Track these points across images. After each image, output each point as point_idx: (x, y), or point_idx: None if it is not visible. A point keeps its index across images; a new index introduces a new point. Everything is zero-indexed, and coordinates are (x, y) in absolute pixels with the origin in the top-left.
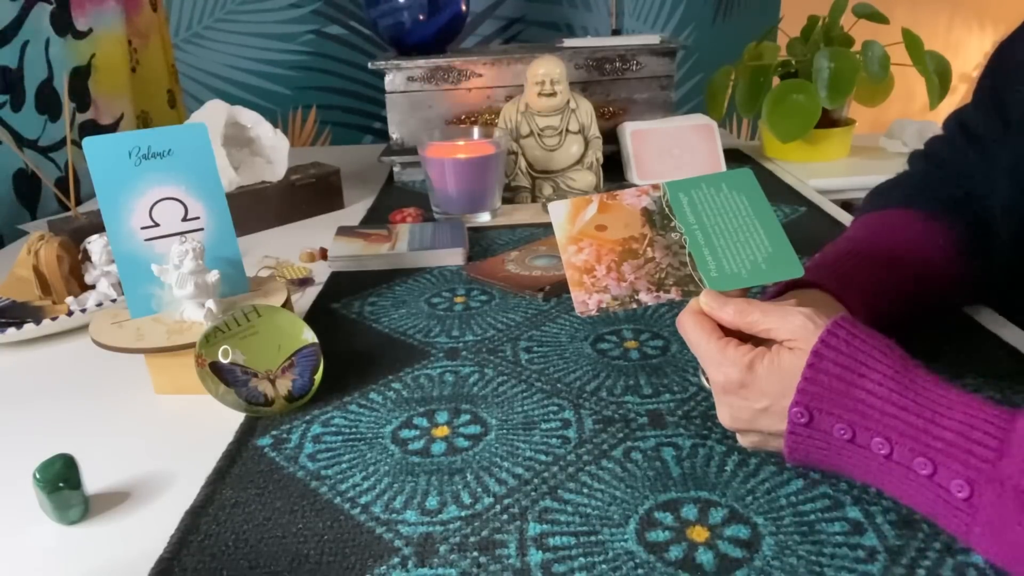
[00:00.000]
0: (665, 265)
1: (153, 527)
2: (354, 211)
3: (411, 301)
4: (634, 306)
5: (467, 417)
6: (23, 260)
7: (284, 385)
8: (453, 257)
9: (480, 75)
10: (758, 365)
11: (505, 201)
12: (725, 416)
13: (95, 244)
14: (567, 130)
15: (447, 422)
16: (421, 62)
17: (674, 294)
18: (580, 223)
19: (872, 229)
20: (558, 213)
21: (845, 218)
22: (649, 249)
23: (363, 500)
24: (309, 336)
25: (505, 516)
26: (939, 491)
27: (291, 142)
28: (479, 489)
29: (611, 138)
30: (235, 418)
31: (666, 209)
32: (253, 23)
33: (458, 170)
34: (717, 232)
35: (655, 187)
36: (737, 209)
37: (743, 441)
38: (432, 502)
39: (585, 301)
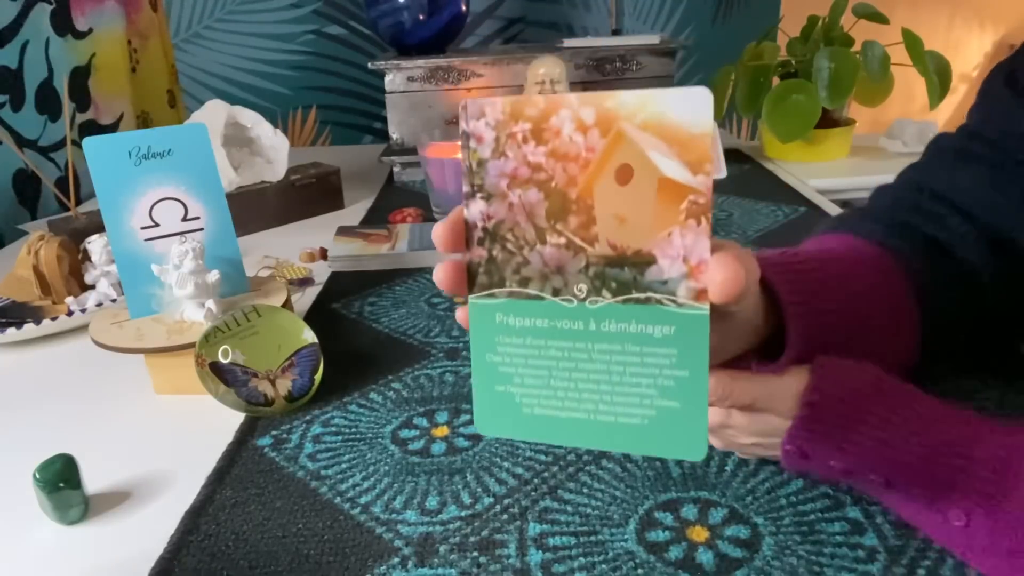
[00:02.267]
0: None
1: (153, 527)
2: (354, 211)
3: (411, 301)
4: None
5: (467, 417)
6: (23, 260)
7: (284, 385)
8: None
9: (480, 75)
10: (736, 412)
11: None
12: (716, 443)
13: (95, 244)
14: None
15: (447, 422)
16: (421, 62)
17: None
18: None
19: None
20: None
21: None
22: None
23: (363, 500)
24: (309, 336)
25: (505, 516)
26: (938, 516)
27: (291, 142)
28: (479, 489)
29: None
30: (235, 418)
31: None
32: (253, 23)
33: (458, 170)
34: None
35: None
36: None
37: (739, 453)
38: (432, 502)
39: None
